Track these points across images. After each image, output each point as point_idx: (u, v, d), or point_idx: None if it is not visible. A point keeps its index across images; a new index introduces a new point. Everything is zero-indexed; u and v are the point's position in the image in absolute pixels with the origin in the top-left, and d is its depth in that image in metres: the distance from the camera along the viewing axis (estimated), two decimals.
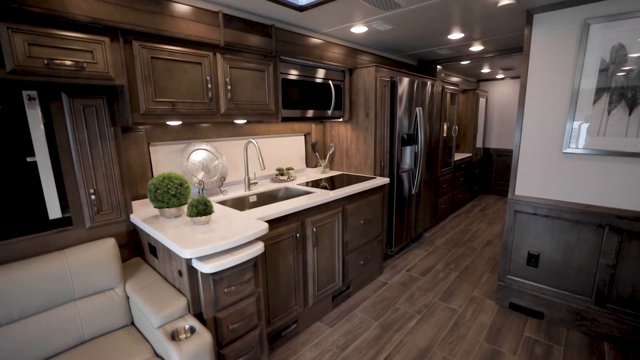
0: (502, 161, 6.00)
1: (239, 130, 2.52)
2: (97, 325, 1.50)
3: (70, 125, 1.59)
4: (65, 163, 1.62)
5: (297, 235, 2.05)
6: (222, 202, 2.19)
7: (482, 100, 5.55)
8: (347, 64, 2.85)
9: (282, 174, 2.77)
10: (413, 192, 3.47)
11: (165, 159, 2.16)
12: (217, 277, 1.44)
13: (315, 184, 2.65)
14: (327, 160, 3.16)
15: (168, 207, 1.73)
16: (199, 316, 1.48)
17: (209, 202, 1.65)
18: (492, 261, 3.31)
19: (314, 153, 3.14)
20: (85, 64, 1.44)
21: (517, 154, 2.29)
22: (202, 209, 1.61)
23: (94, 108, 1.64)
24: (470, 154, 5.36)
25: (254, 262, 1.58)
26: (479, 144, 5.70)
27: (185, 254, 1.35)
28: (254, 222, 1.67)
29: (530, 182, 2.26)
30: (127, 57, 1.60)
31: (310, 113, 2.61)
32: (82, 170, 1.64)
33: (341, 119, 2.98)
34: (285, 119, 2.43)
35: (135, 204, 1.97)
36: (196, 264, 1.40)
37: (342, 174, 3.10)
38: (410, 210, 3.47)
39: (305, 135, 3.14)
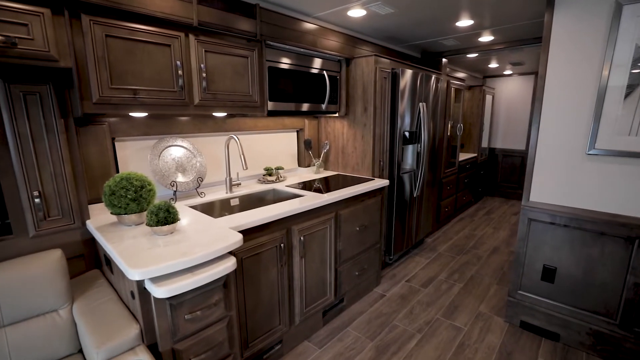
0: (508, 162, 5.72)
1: (221, 125, 2.25)
2: (31, 357, 1.24)
3: (7, 115, 1.33)
4: (3, 161, 1.36)
5: (282, 245, 1.79)
6: (197, 207, 1.93)
7: (488, 98, 5.28)
8: (344, 53, 2.58)
9: (270, 174, 2.51)
10: (415, 195, 3.21)
11: (133, 157, 1.90)
12: (176, 302, 1.19)
13: (307, 185, 2.39)
14: (321, 159, 2.89)
15: (126, 214, 1.47)
16: (154, 347, 1.23)
17: (173, 208, 1.39)
18: (500, 271, 3.05)
19: (307, 151, 2.88)
20: (16, 40, 1.18)
21: (533, 155, 2.02)
22: (164, 217, 1.36)
23: (38, 96, 1.39)
24: (476, 154, 5.09)
25: (223, 282, 1.33)
26: (484, 144, 5.43)
27: (133, 274, 1.09)
28: (227, 232, 1.41)
29: (548, 187, 2.00)
30: (75, 35, 1.34)
31: (301, 107, 2.34)
32: (23, 169, 1.38)
33: (337, 114, 2.71)
34: (272, 113, 2.17)
35: (95, 207, 1.71)
36: (149, 286, 1.14)
37: (338, 174, 2.83)
38: (411, 214, 3.21)
39: (297, 131, 2.88)
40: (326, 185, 2.40)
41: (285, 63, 2.18)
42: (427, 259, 3.30)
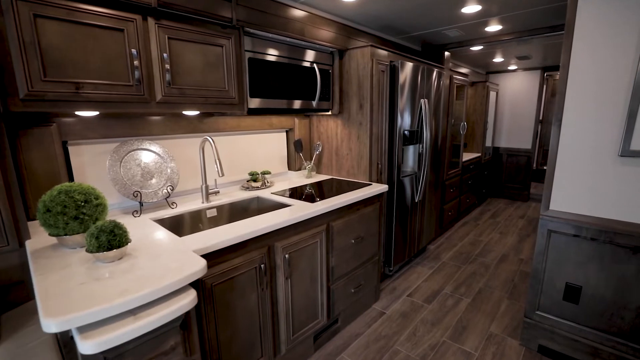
0: (513, 162, 5.46)
1: (198, 125, 1.99)
2: None
3: None
4: None
5: (262, 266, 1.53)
6: (164, 221, 1.66)
7: (492, 94, 5.01)
8: (337, 44, 2.31)
9: (255, 180, 2.24)
10: (416, 200, 2.95)
11: (92, 163, 1.63)
12: (113, 355, 0.92)
13: (296, 192, 2.13)
14: (312, 162, 2.63)
15: (66, 235, 1.20)
16: None
17: (120, 229, 1.13)
18: (510, 283, 2.79)
19: (298, 153, 2.61)
20: None
21: (554, 158, 1.76)
22: (107, 241, 1.09)
23: None
24: (479, 154, 4.82)
25: (180, 322, 1.06)
26: (488, 143, 5.16)
27: (48, 325, 0.82)
28: (188, 258, 1.15)
29: (571, 194, 1.73)
30: None
31: (289, 104, 2.08)
32: None
33: (330, 112, 2.44)
34: (255, 111, 1.91)
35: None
36: (75, 336, 0.87)
37: (332, 178, 2.57)
38: (413, 220, 2.94)
39: (287, 131, 2.61)
40: (317, 191, 2.13)
41: (269, 54, 1.91)
42: (430, 269, 3.04)
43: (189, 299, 1.03)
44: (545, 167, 7.08)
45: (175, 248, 1.24)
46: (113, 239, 1.10)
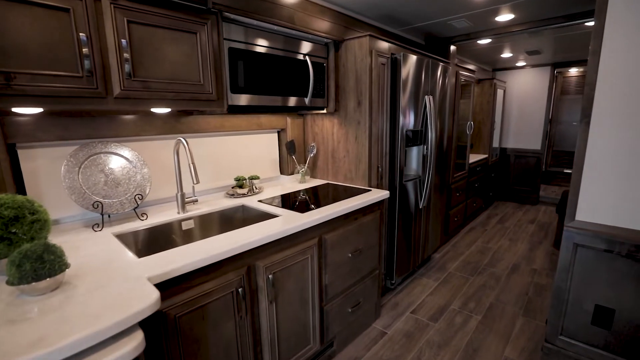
0: (521, 163, 5.21)
1: (174, 125, 1.77)
2: None
3: None
4: None
5: (240, 289, 1.30)
6: (127, 236, 1.44)
7: (499, 92, 4.76)
8: (332, 35, 2.09)
9: (241, 186, 2.02)
10: (421, 206, 2.71)
11: (48, 169, 1.41)
12: None
13: (286, 200, 1.90)
14: (306, 165, 2.40)
15: None
16: None
17: (52, 252, 0.90)
18: (524, 297, 2.54)
19: (290, 156, 2.38)
20: None
21: (581, 160, 1.52)
22: (32, 269, 0.86)
23: None
24: (486, 155, 4.58)
25: None
26: (495, 144, 4.91)
27: None
28: (138, 288, 0.92)
29: (602, 202, 1.49)
30: None
31: (278, 101, 1.85)
32: None
33: (325, 110, 2.22)
34: (237, 109, 1.68)
35: None
36: None
37: (327, 183, 2.34)
38: (417, 228, 2.71)
39: (278, 132, 2.39)
40: (310, 199, 1.90)
41: (253, 44, 1.69)
42: (435, 281, 2.80)
43: (132, 345, 0.80)
44: (555, 169, 6.82)
45: (127, 273, 1.01)
46: (41, 267, 0.87)
